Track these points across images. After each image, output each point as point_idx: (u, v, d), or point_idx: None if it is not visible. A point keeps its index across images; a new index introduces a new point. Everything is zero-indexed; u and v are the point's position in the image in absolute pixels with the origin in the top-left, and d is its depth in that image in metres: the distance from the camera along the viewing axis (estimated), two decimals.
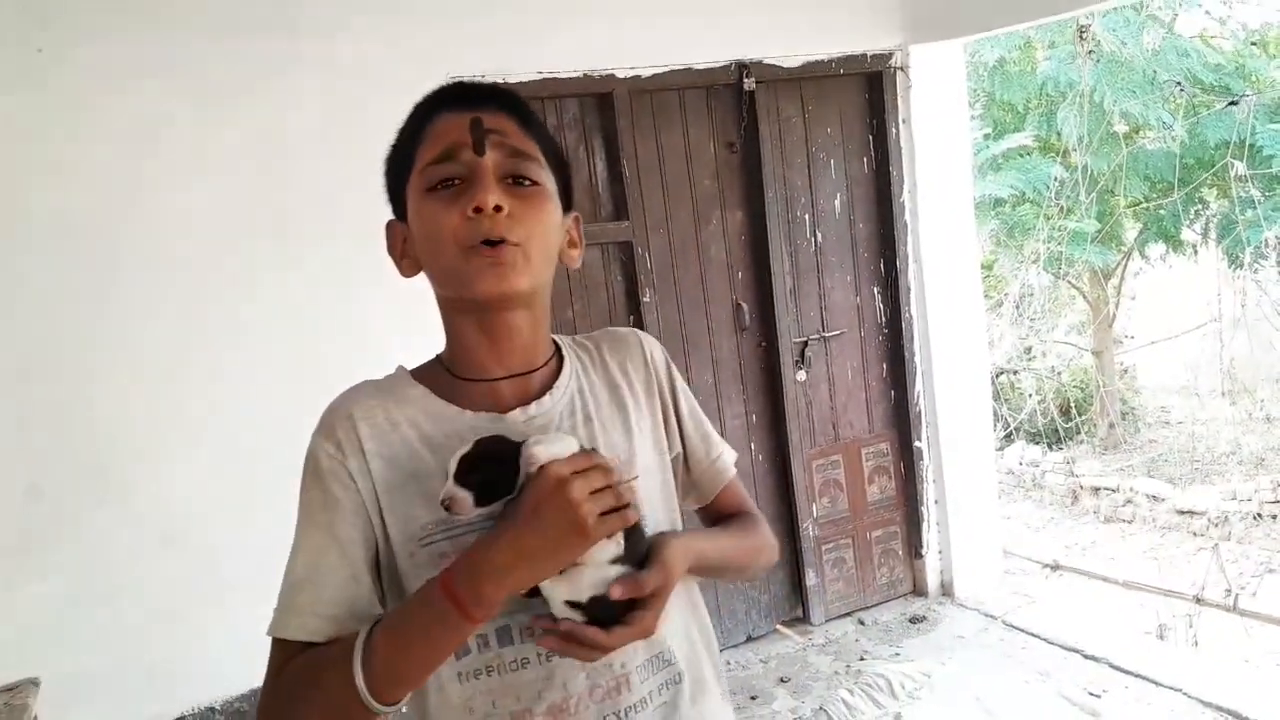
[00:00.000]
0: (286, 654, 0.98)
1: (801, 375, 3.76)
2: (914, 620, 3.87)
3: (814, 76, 3.58)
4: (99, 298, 2.67)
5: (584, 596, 0.92)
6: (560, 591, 0.92)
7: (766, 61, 3.46)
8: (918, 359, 3.93)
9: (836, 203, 3.78)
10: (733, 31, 3.40)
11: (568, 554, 0.89)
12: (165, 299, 2.73)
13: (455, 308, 1.04)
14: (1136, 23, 6.91)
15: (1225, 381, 8.91)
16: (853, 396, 3.90)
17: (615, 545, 0.93)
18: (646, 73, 3.30)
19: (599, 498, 0.88)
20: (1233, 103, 6.37)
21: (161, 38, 2.67)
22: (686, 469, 1.20)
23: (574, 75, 3.20)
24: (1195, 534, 6.90)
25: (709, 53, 3.38)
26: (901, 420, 3.98)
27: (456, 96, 1.05)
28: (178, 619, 2.76)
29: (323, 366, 2.87)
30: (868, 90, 3.73)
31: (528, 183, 1.00)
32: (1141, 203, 8.07)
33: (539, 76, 3.14)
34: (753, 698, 3.38)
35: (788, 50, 3.48)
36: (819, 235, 3.76)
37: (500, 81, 3.00)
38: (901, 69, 3.69)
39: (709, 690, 1.11)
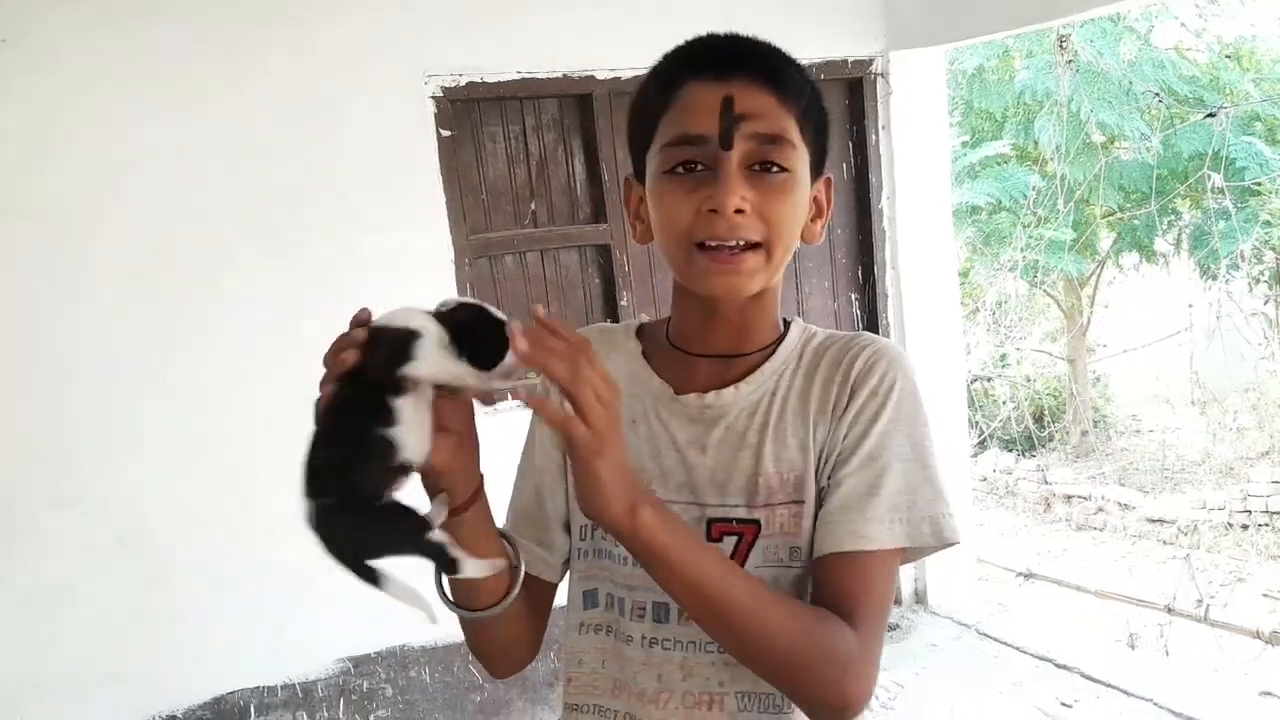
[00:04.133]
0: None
1: None
2: (888, 629, 3.86)
3: None
4: (54, 296, 2.61)
5: None
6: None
7: None
8: None
9: None
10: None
11: None
12: (125, 297, 2.67)
13: (682, 288, 0.99)
14: (1113, 34, 6.96)
15: (1196, 391, 9.00)
16: None
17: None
18: (626, 74, 3.26)
19: None
20: (1210, 114, 6.42)
21: (129, 25, 2.61)
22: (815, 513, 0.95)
23: (553, 76, 3.17)
24: (1165, 542, 6.95)
25: None
26: None
27: (709, 61, 0.92)
28: (135, 623, 2.70)
29: (284, 367, 2.83)
30: (848, 96, 3.72)
31: (776, 169, 0.91)
32: (1116, 213, 8.14)
33: (518, 76, 3.10)
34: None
35: None
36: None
37: (479, 82, 3.00)
38: (882, 75, 3.68)
39: None
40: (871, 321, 3.88)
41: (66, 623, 2.63)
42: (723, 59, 0.92)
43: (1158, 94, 6.72)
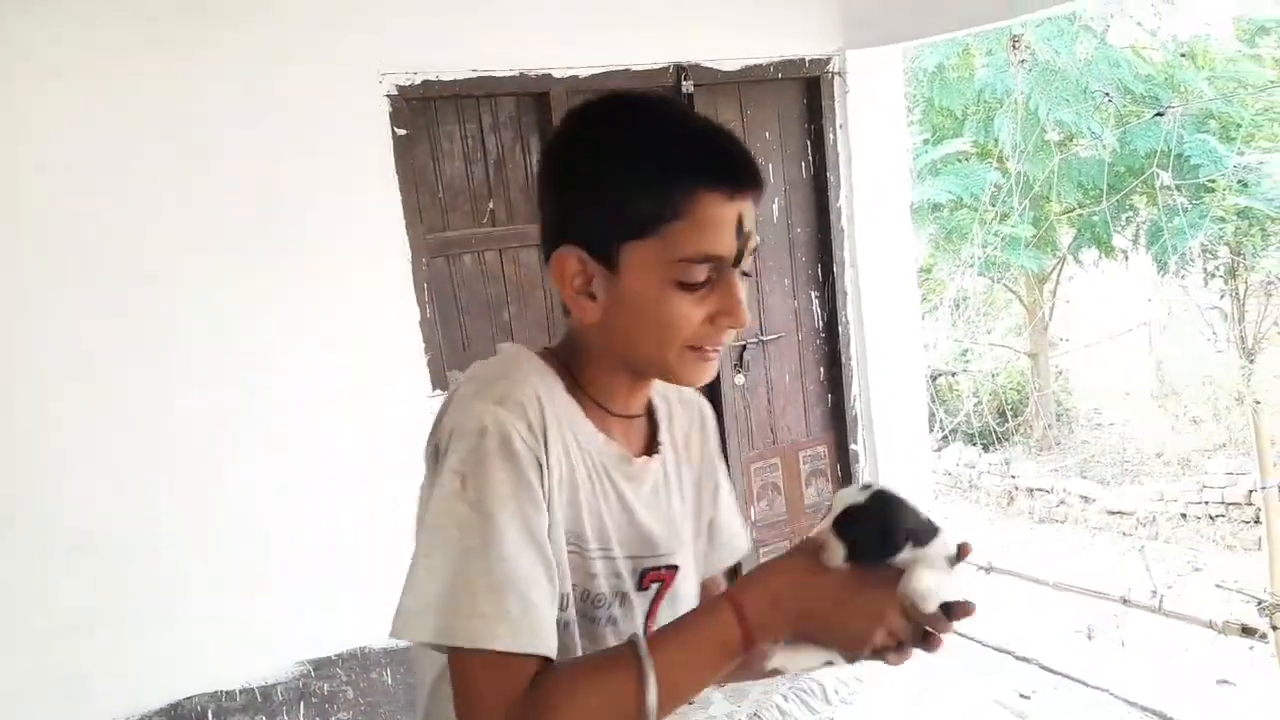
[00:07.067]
0: (513, 670, 0.83)
1: (740, 379, 3.76)
2: None
3: (752, 80, 3.57)
4: (3, 300, 2.56)
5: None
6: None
7: (705, 64, 3.44)
8: (854, 362, 3.95)
9: (774, 207, 3.78)
10: (671, 33, 3.38)
11: (832, 646, 0.93)
12: (72, 296, 2.62)
13: (625, 362, 0.98)
14: (1070, 33, 7.05)
15: (1154, 384, 9.14)
16: (790, 400, 3.91)
17: None
18: (584, 73, 3.26)
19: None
20: (1159, 114, 6.52)
21: (78, 21, 2.57)
22: (709, 537, 1.16)
23: (510, 74, 3.16)
24: (1125, 534, 7.06)
25: (648, 54, 3.36)
26: (839, 423, 3.99)
27: (723, 173, 0.91)
28: (87, 630, 2.66)
29: (240, 366, 2.81)
30: (806, 95, 3.74)
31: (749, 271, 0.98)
32: (1075, 209, 8.24)
33: (474, 75, 3.09)
34: (689, 702, 3.36)
35: (726, 53, 3.47)
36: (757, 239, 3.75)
37: (434, 80, 2.98)
38: (839, 74, 3.70)
39: None
40: (831, 318, 3.91)
41: (20, 629, 2.58)
42: (734, 171, 0.92)
43: (1107, 94, 6.81)
